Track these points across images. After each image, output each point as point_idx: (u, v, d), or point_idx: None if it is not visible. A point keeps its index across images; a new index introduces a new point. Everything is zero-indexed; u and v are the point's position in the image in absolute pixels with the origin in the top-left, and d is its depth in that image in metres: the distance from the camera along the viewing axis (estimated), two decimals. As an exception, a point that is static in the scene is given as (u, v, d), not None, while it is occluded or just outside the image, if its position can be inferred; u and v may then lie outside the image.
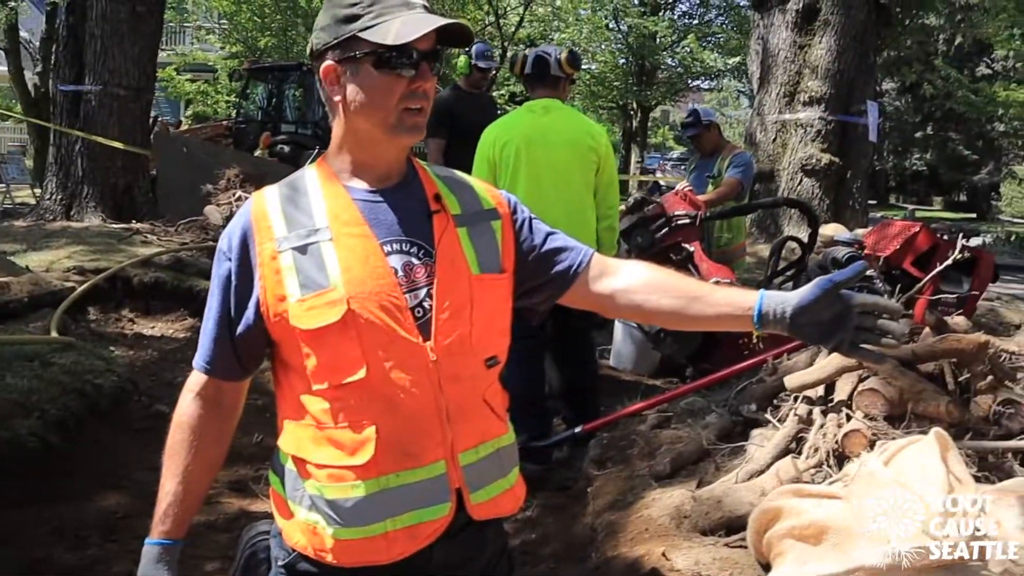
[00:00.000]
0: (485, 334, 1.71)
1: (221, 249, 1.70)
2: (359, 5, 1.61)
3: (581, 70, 5.47)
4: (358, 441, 1.60)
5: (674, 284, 1.78)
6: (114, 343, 6.57)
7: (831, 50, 10.65)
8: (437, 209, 1.70)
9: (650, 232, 5.58)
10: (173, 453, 1.74)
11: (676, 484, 3.31)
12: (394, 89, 1.61)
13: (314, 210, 1.65)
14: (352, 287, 1.59)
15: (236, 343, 1.69)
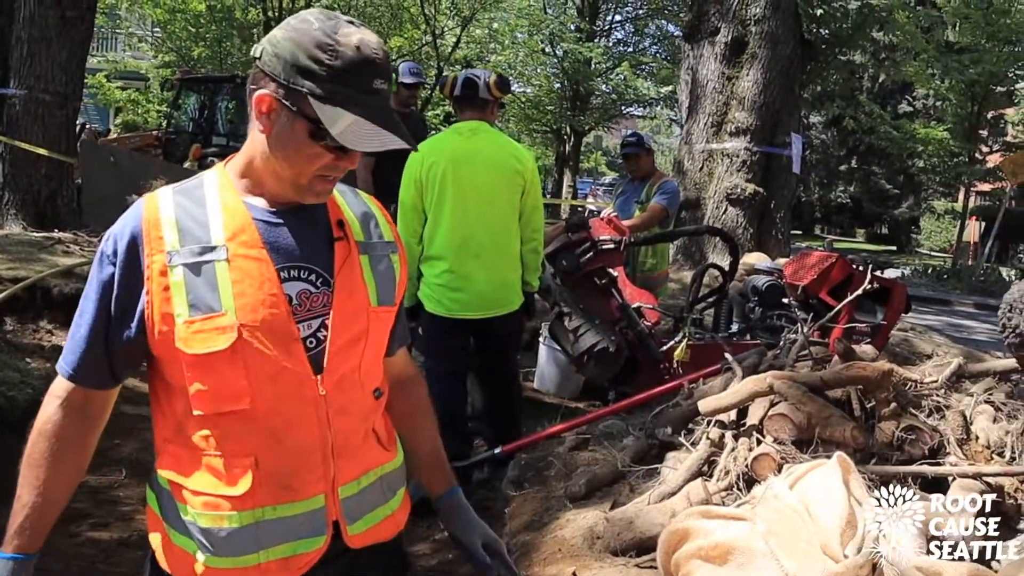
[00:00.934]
0: (373, 366, 1.72)
1: (105, 252, 1.59)
2: (324, 66, 1.50)
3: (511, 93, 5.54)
4: (236, 471, 1.56)
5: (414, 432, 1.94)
6: (31, 355, 6.43)
7: (758, 83, 10.91)
8: (340, 236, 1.66)
9: (575, 256, 5.64)
10: (33, 464, 1.64)
11: (591, 506, 3.36)
12: (317, 160, 1.55)
13: (211, 224, 1.57)
14: (244, 314, 1.53)
15: (111, 353, 1.61)
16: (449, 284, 4.34)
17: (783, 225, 11.34)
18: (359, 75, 1.50)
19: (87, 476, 4.50)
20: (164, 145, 16.61)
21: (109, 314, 1.58)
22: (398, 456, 1.82)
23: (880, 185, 36.40)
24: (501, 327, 4.37)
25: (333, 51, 1.49)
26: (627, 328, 5.54)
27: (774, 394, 3.35)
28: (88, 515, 4.03)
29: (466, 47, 27.94)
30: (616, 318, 5.60)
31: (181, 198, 1.61)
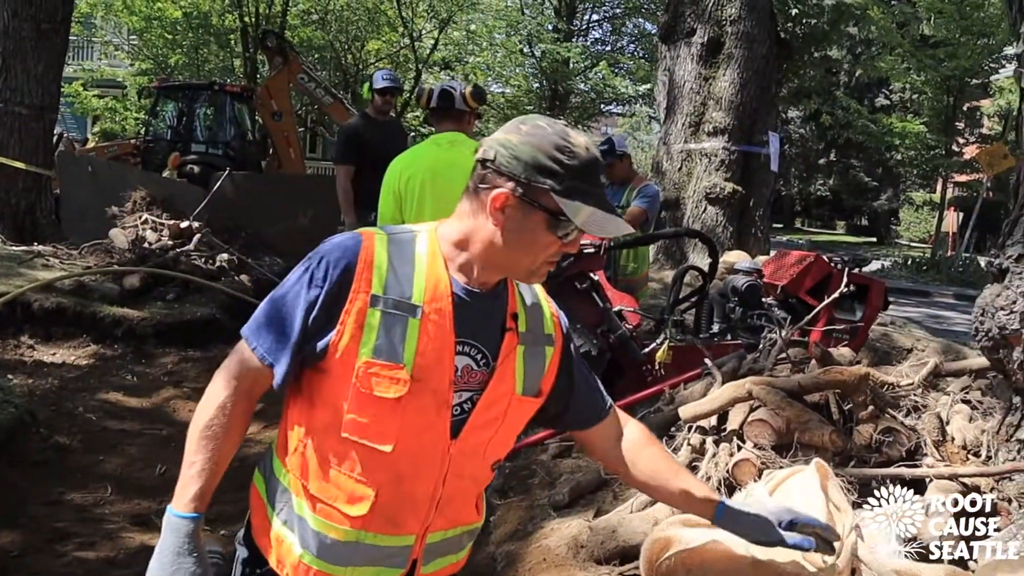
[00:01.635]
0: (501, 444, 1.89)
1: (315, 274, 1.72)
2: (565, 166, 1.65)
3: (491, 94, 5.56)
4: (358, 495, 1.74)
5: (667, 479, 2.02)
6: (12, 371, 6.41)
7: (734, 82, 10.98)
8: (511, 328, 1.81)
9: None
10: (211, 434, 1.77)
11: (575, 514, 3.39)
12: (550, 247, 1.70)
13: (415, 284, 1.72)
14: (418, 372, 1.69)
15: (304, 361, 1.76)
16: (430, 295, 4.36)
17: (762, 223, 11.40)
18: (591, 172, 1.69)
19: (72, 494, 4.53)
20: (143, 153, 16.50)
21: (307, 328, 1.72)
22: (482, 519, 1.99)
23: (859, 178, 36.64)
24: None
25: (571, 152, 1.66)
26: (609, 331, 5.57)
27: (753, 399, 3.39)
28: (74, 534, 4.02)
29: (444, 49, 27.96)
30: (598, 322, 5.62)
31: (395, 249, 1.76)
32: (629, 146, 7.36)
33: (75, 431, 5.30)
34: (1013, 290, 3.14)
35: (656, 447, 2.07)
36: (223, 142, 16.17)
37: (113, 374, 6.78)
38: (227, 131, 16.37)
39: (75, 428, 5.36)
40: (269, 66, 16.03)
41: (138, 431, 5.39)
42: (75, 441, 5.12)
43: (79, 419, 5.56)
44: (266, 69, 18.52)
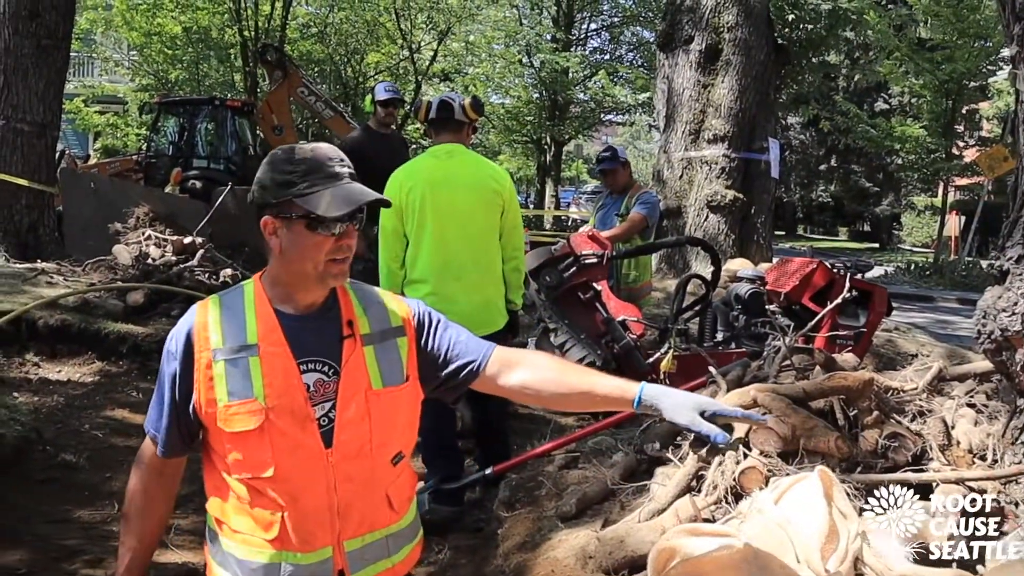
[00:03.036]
0: (387, 438, 2.04)
1: (168, 350, 1.99)
2: (295, 173, 1.90)
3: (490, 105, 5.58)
4: (268, 520, 1.93)
5: (567, 379, 2.14)
6: (17, 389, 6.42)
7: (733, 89, 10.99)
8: (348, 334, 2.00)
9: (558, 271, 5.69)
10: (131, 518, 2.11)
11: (582, 524, 3.38)
12: (323, 246, 1.92)
13: (247, 327, 1.95)
14: (270, 400, 1.90)
15: (182, 429, 2.01)
16: (432, 306, 4.30)
17: (764, 230, 11.40)
18: (320, 166, 1.92)
19: (79, 511, 4.53)
20: (145, 169, 16.57)
21: (176, 400, 1.98)
22: (405, 517, 2.12)
23: (860, 183, 36.58)
24: (486, 347, 4.40)
25: (296, 160, 1.93)
26: (613, 341, 5.58)
27: (758, 406, 3.38)
28: (81, 552, 4.01)
29: (443, 61, 28.04)
30: (601, 332, 5.64)
31: (225, 304, 2.00)
32: (629, 155, 7.38)
33: (82, 449, 5.30)
34: (1014, 291, 3.14)
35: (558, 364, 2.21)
36: (225, 157, 16.21)
37: (119, 391, 6.78)
38: (228, 146, 16.42)
39: (82, 446, 5.37)
40: (269, 80, 16.09)
41: (145, 447, 5.38)
42: (82, 459, 5.12)
43: (85, 436, 5.56)
44: (266, 83, 18.57)
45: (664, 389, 2.12)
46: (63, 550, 4.01)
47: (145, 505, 2.10)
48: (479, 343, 2.22)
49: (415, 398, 2.14)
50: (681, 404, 2.11)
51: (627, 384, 2.14)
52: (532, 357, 2.22)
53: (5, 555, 3.91)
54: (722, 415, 2.19)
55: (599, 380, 2.16)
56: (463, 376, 2.17)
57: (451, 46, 27.29)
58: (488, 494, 4.62)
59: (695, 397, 2.15)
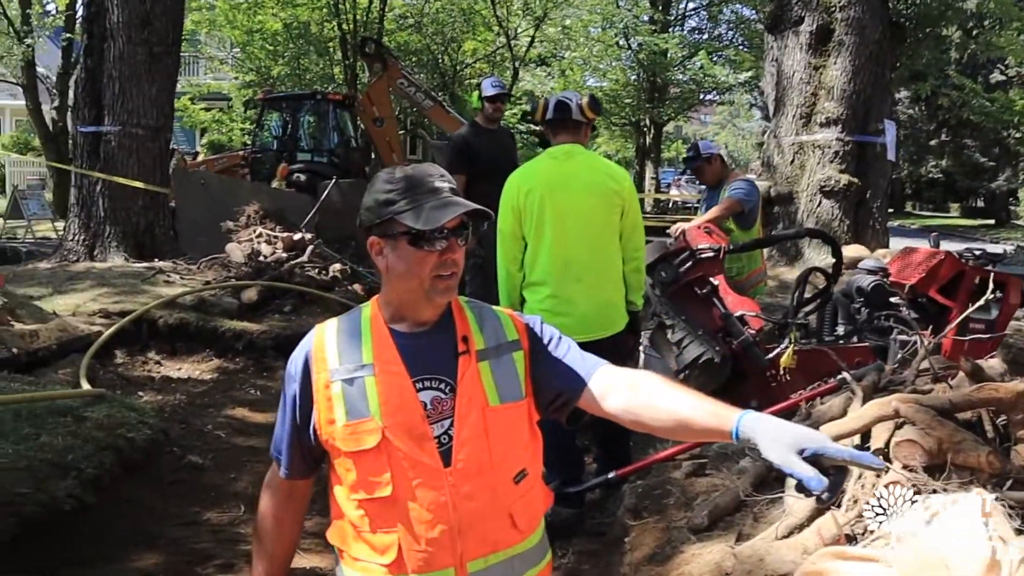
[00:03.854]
0: (507, 455, 1.98)
1: (288, 372, 2.01)
2: (395, 191, 1.90)
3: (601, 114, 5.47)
4: (385, 544, 1.90)
5: (666, 406, 1.95)
6: (142, 388, 6.62)
7: (846, 71, 10.61)
8: (464, 350, 1.96)
9: (673, 267, 5.56)
10: (261, 540, 2.16)
11: (715, 538, 3.29)
12: (426, 262, 1.89)
13: (363, 347, 1.95)
14: (387, 418, 1.88)
15: (304, 450, 2.02)
16: (553, 309, 4.30)
17: (880, 215, 10.99)
18: (416, 183, 1.91)
19: (207, 513, 4.63)
20: (250, 164, 16.91)
21: (296, 422, 2.00)
22: (531, 538, 2.03)
23: (974, 158, 35.18)
24: (607, 349, 4.29)
25: (395, 179, 1.92)
26: (731, 337, 5.44)
27: (899, 417, 3.24)
28: (213, 556, 4.09)
29: (540, 46, 27.92)
30: (719, 327, 5.50)
31: (343, 324, 2.01)
32: (718, 147, 7.14)
33: (206, 449, 5.42)
34: None
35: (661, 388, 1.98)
36: (328, 150, 16.43)
37: (237, 388, 6.94)
38: (331, 139, 16.63)
39: (206, 446, 5.49)
40: (369, 73, 16.21)
41: (265, 447, 5.40)
42: (207, 460, 5.23)
43: (209, 437, 5.69)
44: (366, 76, 18.75)
45: (762, 420, 1.80)
46: (195, 554, 4.09)
47: (274, 528, 2.14)
48: (585, 360, 2.07)
49: (534, 416, 2.09)
50: (778, 439, 1.75)
51: (726, 413, 1.87)
52: (637, 379, 2.04)
53: (142, 558, 4.01)
54: (826, 455, 1.73)
55: (699, 408, 1.92)
56: (566, 396, 2.07)
57: (547, 31, 27.13)
58: (609, 496, 4.56)
59: (795, 431, 1.78)
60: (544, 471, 4.42)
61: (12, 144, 29.65)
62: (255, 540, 2.20)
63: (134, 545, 4.10)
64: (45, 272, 9.51)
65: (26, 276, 9.17)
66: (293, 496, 2.13)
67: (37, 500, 3.76)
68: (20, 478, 3.85)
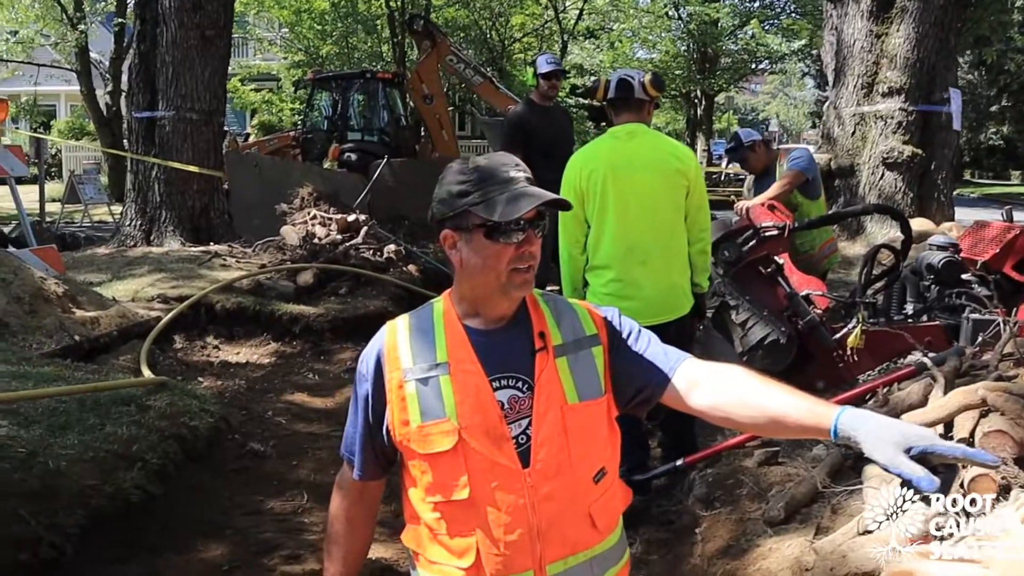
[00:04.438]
0: (587, 454, 1.90)
1: (360, 372, 1.96)
2: (469, 183, 1.84)
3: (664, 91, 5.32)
4: (463, 547, 1.85)
5: (758, 402, 1.85)
6: (201, 373, 6.66)
7: (910, 38, 10.26)
8: (541, 347, 1.90)
9: (737, 245, 5.45)
10: (333, 541, 2.10)
11: (792, 531, 3.19)
12: (503, 255, 1.83)
13: (436, 345, 1.89)
14: (464, 419, 1.82)
15: (377, 452, 1.98)
16: (617, 293, 4.20)
17: (945, 187, 10.65)
18: (491, 174, 1.85)
19: (271, 502, 4.62)
20: (301, 145, 16.98)
21: (369, 422, 1.95)
22: (610, 538, 1.95)
23: (1036, 123, 34.30)
24: (673, 332, 4.18)
25: (469, 171, 1.86)
26: (796, 317, 5.31)
27: (985, 405, 3.10)
28: (279, 545, 4.07)
29: (588, 18, 27.64)
30: (784, 307, 5.37)
31: (414, 321, 1.95)
32: (758, 133, 6.93)
33: (267, 436, 5.41)
34: None
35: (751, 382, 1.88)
36: (378, 129, 16.44)
37: (295, 372, 6.94)
38: (381, 117, 16.64)
39: (267, 433, 5.48)
40: (418, 50, 16.15)
41: (326, 434, 5.45)
42: (268, 447, 5.22)
43: (270, 424, 5.69)
44: (414, 53, 18.68)
45: (863, 416, 1.69)
46: (261, 544, 4.08)
47: (346, 529, 2.10)
48: (668, 354, 1.99)
49: (613, 412, 2.00)
50: (882, 437, 1.64)
51: (822, 409, 1.77)
52: (724, 373, 1.95)
53: (209, 549, 4.01)
54: (936, 453, 1.61)
55: (793, 405, 1.82)
56: (648, 391, 1.97)
57: (596, 3, 26.86)
58: (675, 483, 4.47)
59: (902, 428, 1.66)
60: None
61: (67, 129, 30.11)
62: (327, 540, 2.14)
63: (201, 535, 4.10)
64: (103, 258, 9.60)
65: (85, 262, 9.26)
66: (365, 497, 2.09)
67: (105, 492, 3.76)
68: (88, 470, 3.85)
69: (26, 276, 6.38)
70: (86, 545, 3.53)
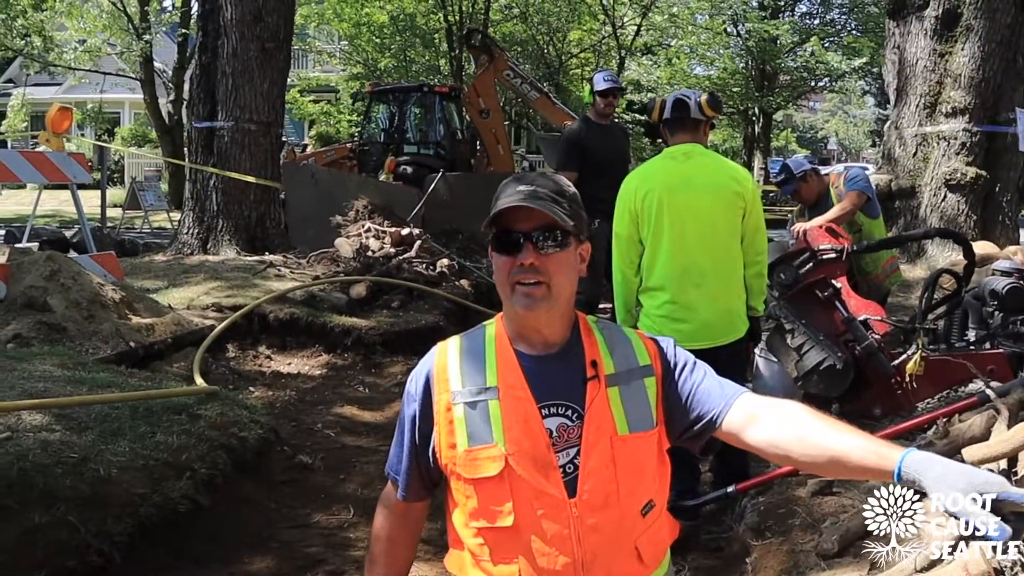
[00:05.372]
0: (635, 487, 1.86)
1: (408, 391, 1.95)
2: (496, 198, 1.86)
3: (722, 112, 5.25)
4: (506, 574, 1.82)
5: (818, 440, 1.76)
6: (253, 382, 6.71)
7: (975, 57, 10.03)
8: (592, 376, 1.86)
9: (793, 268, 5.36)
10: (375, 562, 2.08)
11: (846, 565, 3.10)
12: (504, 267, 1.83)
13: (487, 369, 1.87)
14: (511, 445, 1.80)
15: (422, 473, 1.95)
16: (671, 315, 4.14)
17: (1011, 209, 10.37)
18: (508, 183, 1.87)
19: (317, 515, 4.62)
20: (358, 157, 17.12)
21: (415, 443, 1.94)
22: (656, 571, 1.91)
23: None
24: (727, 356, 4.11)
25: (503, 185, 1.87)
26: (854, 342, 5.20)
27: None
28: (323, 560, 4.07)
29: (646, 34, 27.57)
30: (841, 332, 5.27)
31: (465, 343, 1.93)
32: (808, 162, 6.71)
33: (316, 449, 5.42)
34: None
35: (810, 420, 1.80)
36: (434, 142, 16.52)
37: (346, 385, 6.97)
38: (438, 131, 16.71)
39: (316, 446, 5.50)
40: (475, 64, 16.21)
41: (374, 448, 5.44)
42: (317, 460, 5.23)
43: (318, 436, 5.70)
44: (471, 67, 18.76)
45: (930, 460, 1.61)
46: (306, 558, 4.08)
47: (389, 549, 2.08)
48: (724, 388, 1.93)
49: (664, 444, 1.95)
50: (950, 483, 1.56)
51: (886, 451, 1.68)
52: (782, 409, 1.88)
53: (254, 561, 4.02)
54: (1009, 501, 1.54)
55: (855, 445, 1.73)
56: (702, 426, 1.91)
57: (654, 19, 26.77)
58: (724, 508, 4.39)
59: (969, 473, 1.58)
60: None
61: (131, 136, 30.75)
62: (368, 560, 2.12)
63: (247, 546, 4.12)
64: (161, 265, 9.74)
65: (143, 269, 9.40)
66: (409, 517, 2.07)
67: (154, 501, 3.78)
68: (138, 478, 3.88)
69: (85, 282, 6.49)
70: (133, 553, 3.56)
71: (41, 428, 4.04)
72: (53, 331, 6.05)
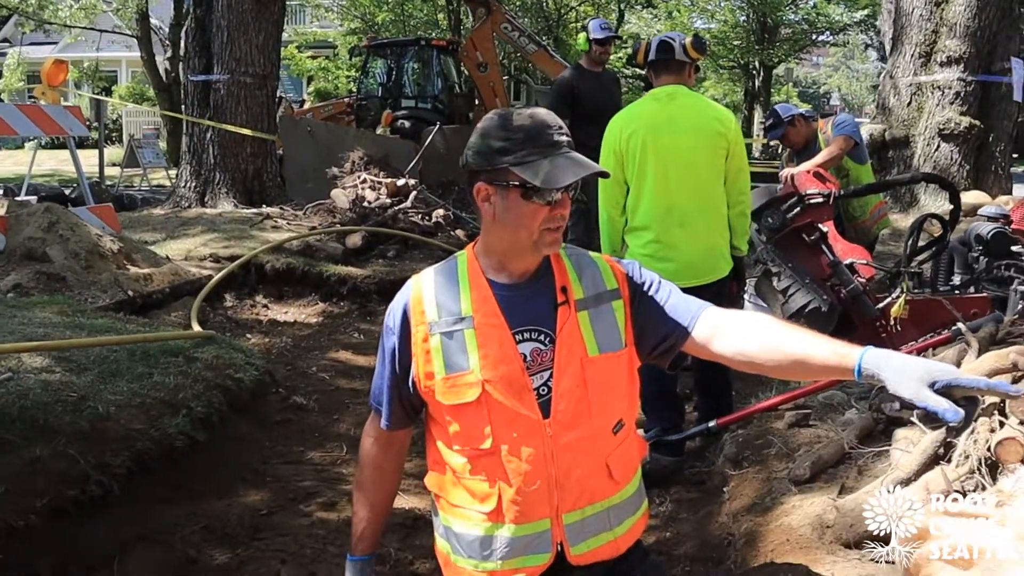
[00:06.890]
0: (606, 406, 1.97)
1: (387, 325, 2.04)
2: (512, 141, 1.84)
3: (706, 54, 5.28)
4: (486, 493, 1.94)
5: (781, 345, 1.88)
6: (250, 330, 6.80)
7: (971, 5, 9.99)
8: (563, 301, 1.96)
9: (781, 212, 5.42)
10: (362, 487, 2.23)
11: (816, 490, 3.21)
12: (537, 215, 1.87)
13: (461, 300, 1.95)
14: (487, 372, 1.89)
15: (403, 402, 2.06)
16: (655, 254, 4.21)
17: (1003, 159, 10.41)
18: (537, 134, 1.86)
19: (311, 453, 4.73)
20: (356, 111, 17.08)
21: (396, 373, 2.02)
22: (627, 488, 2.05)
23: (1106, 98, 33.21)
24: (711, 295, 4.18)
25: (514, 127, 1.86)
26: (839, 286, 5.28)
27: (1018, 370, 3.09)
28: (315, 494, 4.17)
29: (646, -12, 27.34)
30: (827, 276, 5.35)
31: (440, 277, 2.01)
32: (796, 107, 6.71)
33: (311, 391, 5.53)
34: None
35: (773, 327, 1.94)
36: (432, 96, 16.47)
37: (341, 332, 7.07)
38: (435, 85, 16.66)
39: (311, 388, 5.60)
40: (473, 18, 16.13)
41: (367, 390, 5.51)
42: (311, 401, 5.34)
43: (313, 379, 5.81)
44: (469, 21, 18.66)
45: (887, 355, 1.72)
46: (299, 491, 4.18)
47: (375, 477, 2.19)
48: (689, 304, 2.04)
49: (634, 364, 2.06)
50: (906, 373, 1.67)
51: (845, 350, 1.79)
52: (746, 319, 2.01)
53: (249, 494, 4.12)
54: (959, 386, 1.66)
55: (817, 346, 1.84)
56: (671, 340, 2.02)
57: (654, -29, 26.56)
58: (709, 445, 4.50)
59: (924, 364, 1.71)
60: (644, 418, 4.37)
61: (128, 95, 30.66)
62: (356, 487, 2.25)
63: (241, 481, 4.21)
64: (159, 218, 9.82)
65: (141, 222, 9.48)
66: (393, 445, 2.17)
67: (151, 437, 3.88)
68: (135, 415, 3.96)
69: (83, 233, 6.57)
70: (132, 485, 3.65)
71: (42, 370, 4.12)
72: (52, 281, 6.15)
